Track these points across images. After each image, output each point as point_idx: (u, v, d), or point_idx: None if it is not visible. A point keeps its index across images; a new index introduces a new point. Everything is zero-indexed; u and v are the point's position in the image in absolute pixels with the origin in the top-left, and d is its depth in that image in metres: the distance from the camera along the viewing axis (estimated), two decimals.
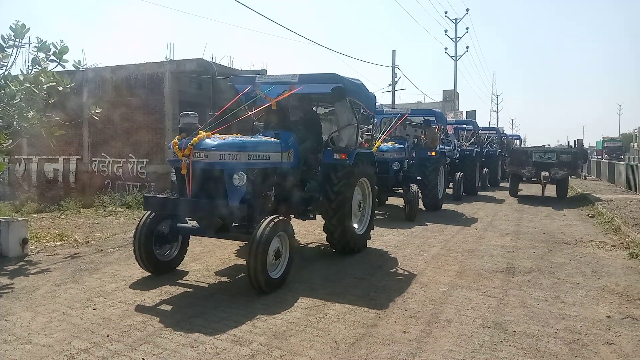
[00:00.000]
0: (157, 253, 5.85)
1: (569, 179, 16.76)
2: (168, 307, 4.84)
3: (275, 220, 5.20)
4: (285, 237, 5.47)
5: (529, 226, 10.34)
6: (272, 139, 6.37)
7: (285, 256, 5.51)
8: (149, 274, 5.85)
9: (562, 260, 7.20)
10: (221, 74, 12.74)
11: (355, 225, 7.32)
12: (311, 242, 8.20)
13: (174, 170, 5.61)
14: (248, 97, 7.10)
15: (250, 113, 7.06)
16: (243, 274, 5.96)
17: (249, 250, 5.00)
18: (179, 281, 5.74)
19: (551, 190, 16.39)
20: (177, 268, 6.17)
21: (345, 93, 6.99)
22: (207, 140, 5.26)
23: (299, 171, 6.88)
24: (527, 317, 4.75)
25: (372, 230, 7.89)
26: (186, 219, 6.11)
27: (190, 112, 5.56)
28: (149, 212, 5.76)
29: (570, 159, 15.27)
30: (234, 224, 5.94)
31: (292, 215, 6.94)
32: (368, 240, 7.76)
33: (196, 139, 5.21)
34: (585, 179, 20.63)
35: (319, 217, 7.06)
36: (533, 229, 9.93)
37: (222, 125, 6.27)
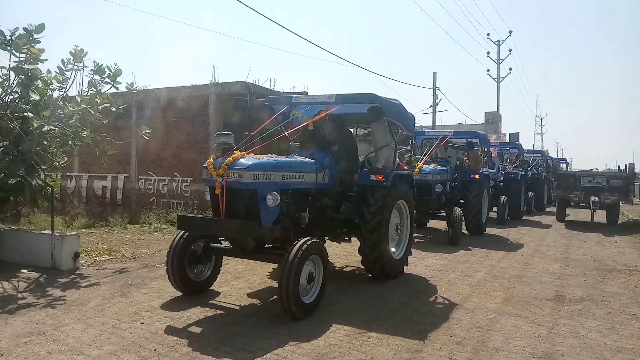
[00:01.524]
0: (193, 273, 5.85)
1: (620, 204, 16.08)
2: (213, 324, 4.90)
3: (308, 243, 5.05)
4: (319, 261, 5.29)
5: (578, 253, 9.94)
6: (307, 159, 6.23)
7: (318, 280, 5.31)
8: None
9: (616, 289, 6.87)
10: (262, 96, 12.99)
11: (393, 249, 7.08)
12: (347, 266, 8.07)
13: (208, 190, 5.58)
14: (285, 117, 7.06)
15: (285, 133, 7.00)
16: None
17: (280, 273, 4.86)
18: (223, 298, 5.81)
19: (601, 216, 15.77)
20: (212, 287, 6.11)
21: (382, 113, 6.84)
22: (242, 160, 5.19)
23: (334, 192, 6.70)
24: (580, 349, 4.54)
25: (412, 253, 7.69)
26: (220, 238, 6.04)
27: (225, 132, 5.54)
28: (183, 231, 5.70)
29: (622, 184, 14.70)
30: (267, 245, 5.86)
31: (327, 238, 6.84)
32: (407, 264, 7.48)
33: (230, 158, 5.13)
34: (632, 203, 19.70)
35: (354, 239, 6.92)
36: (583, 256, 9.54)
37: (259, 145, 6.18)
